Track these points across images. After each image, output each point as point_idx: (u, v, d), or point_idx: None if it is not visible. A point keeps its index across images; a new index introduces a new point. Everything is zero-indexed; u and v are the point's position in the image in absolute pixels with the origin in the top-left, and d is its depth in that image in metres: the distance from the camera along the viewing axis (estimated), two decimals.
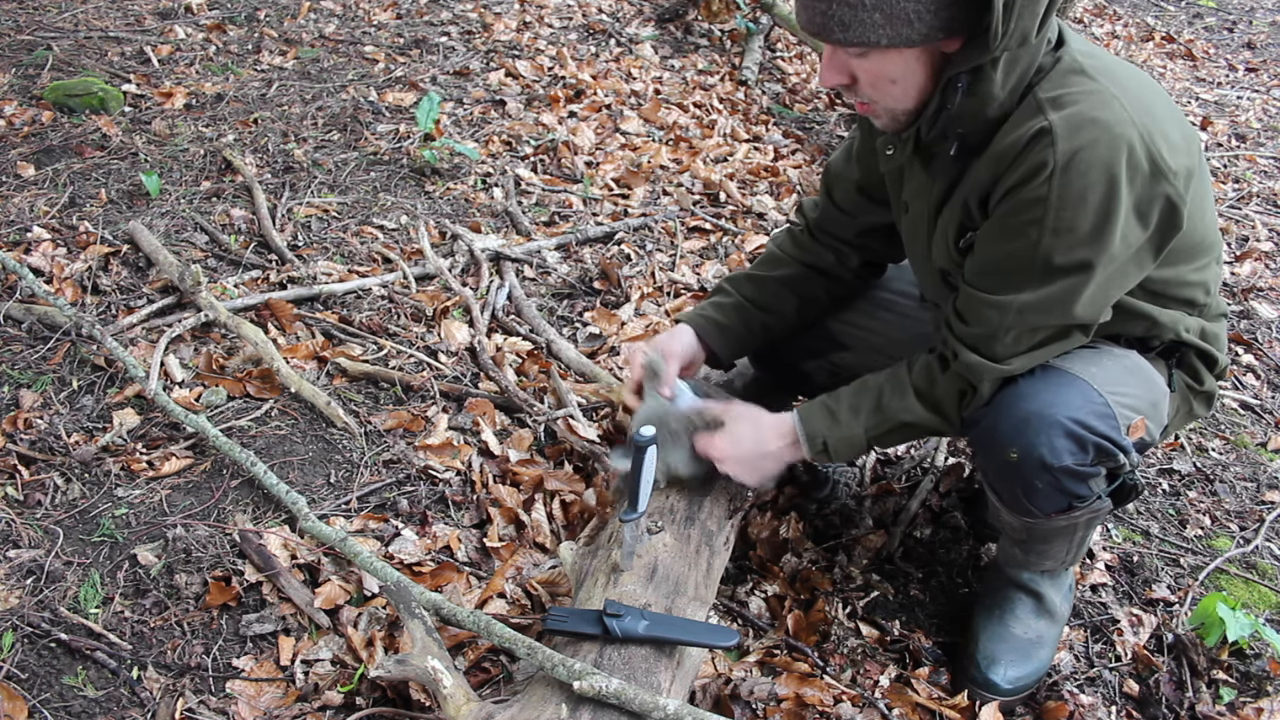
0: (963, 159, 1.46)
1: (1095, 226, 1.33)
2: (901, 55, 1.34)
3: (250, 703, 1.61)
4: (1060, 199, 1.32)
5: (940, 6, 1.28)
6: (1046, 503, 1.54)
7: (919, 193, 1.57)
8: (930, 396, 1.54)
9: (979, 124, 1.40)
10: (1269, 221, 3.62)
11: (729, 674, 1.74)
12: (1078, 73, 1.36)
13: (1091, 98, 1.33)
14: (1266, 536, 2.17)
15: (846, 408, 1.60)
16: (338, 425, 2.19)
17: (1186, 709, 1.72)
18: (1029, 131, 1.34)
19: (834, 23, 1.31)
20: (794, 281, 1.86)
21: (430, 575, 1.86)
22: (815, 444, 1.60)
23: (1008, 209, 1.38)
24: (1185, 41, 5.71)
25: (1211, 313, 1.63)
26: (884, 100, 1.42)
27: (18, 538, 1.85)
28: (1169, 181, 1.34)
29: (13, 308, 2.42)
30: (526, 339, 2.60)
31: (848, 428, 1.59)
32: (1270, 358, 2.83)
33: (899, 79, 1.37)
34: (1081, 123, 1.31)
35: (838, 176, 1.79)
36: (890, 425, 1.57)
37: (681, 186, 3.48)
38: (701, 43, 4.88)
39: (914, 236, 1.65)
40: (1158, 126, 1.34)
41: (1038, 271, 1.38)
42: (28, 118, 3.32)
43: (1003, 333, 1.44)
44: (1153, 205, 1.35)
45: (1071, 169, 1.31)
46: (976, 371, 1.47)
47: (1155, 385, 1.58)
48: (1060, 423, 1.44)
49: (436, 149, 3.35)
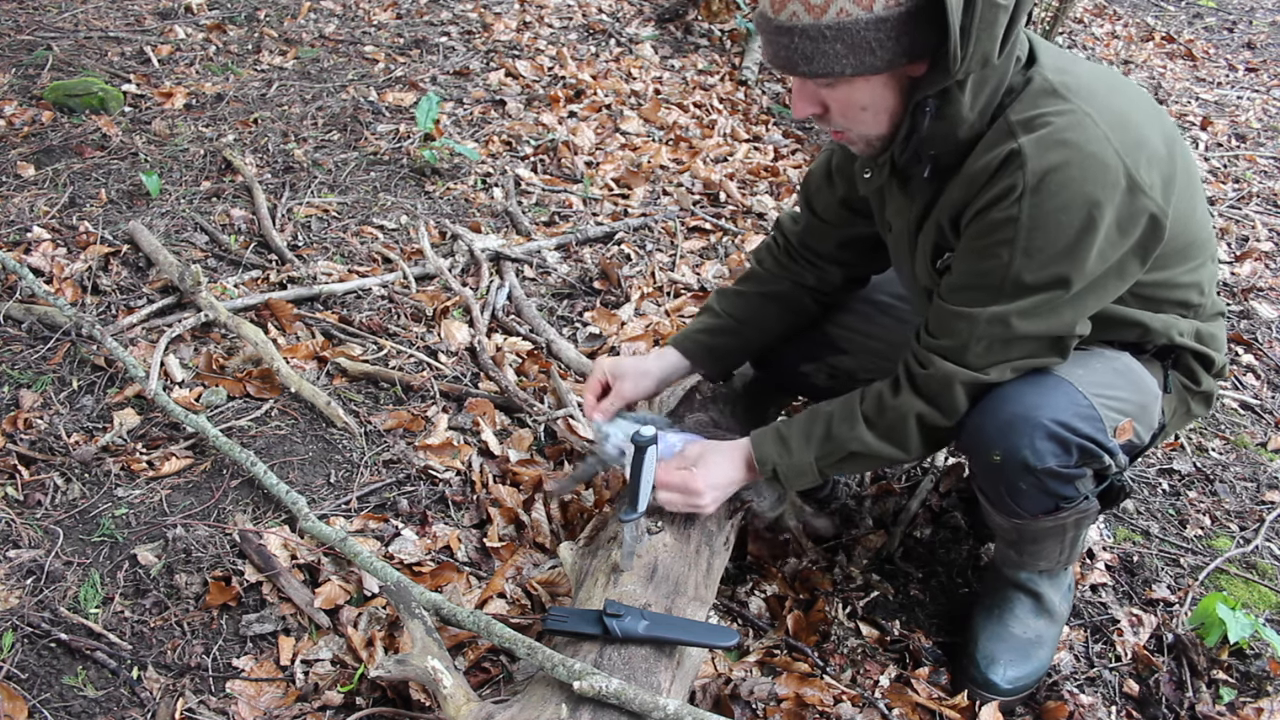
0: (936, 180, 1.47)
1: (1069, 246, 1.33)
2: (868, 82, 1.35)
3: (250, 703, 1.61)
4: (1031, 219, 1.32)
5: (900, 33, 1.28)
6: (1032, 504, 1.55)
7: (899, 212, 1.59)
8: (881, 424, 1.53)
9: (950, 145, 1.41)
10: (1269, 221, 3.62)
11: (729, 674, 1.74)
12: (1049, 93, 1.36)
13: (1062, 118, 1.33)
14: (1266, 536, 2.16)
15: (798, 435, 1.60)
16: (338, 425, 2.19)
17: (1186, 709, 1.72)
18: (999, 155, 1.34)
19: (798, 56, 1.32)
20: (779, 297, 1.87)
21: (430, 575, 1.86)
22: (766, 469, 1.60)
23: (978, 229, 1.39)
24: (1185, 41, 5.72)
25: (1207, 313, 1.63)
26: (857, 127, 1.43)
27: (18, 538, 1.85)
28: (1147, 195, 1.34)
29: (13, 308, 2.42)
30: (526, 339, 2.60)
31: (798, 455, 1.58)
32: (1270, 358, 2.83)
33: (868, 105, 1.38)
34: (1052, 144, 1.32)
35: (818, 191, 1.79)
36: (840, 454, 1.56)
37: (681, 186, 3.49)
38: (701, 43, 4.88)
39: (898, 254, 1.67)
40: (1134, 138, 1.34)
41: (1009, 289, 1.39)
42: (28, 118, 3.32)
43: (974, 342, 1.43)
44: (1134, 220, 1.35)
45: (1042, 190, 1.31)
46: (948, 378, 1.46)
47: (1145, 387, 1.57)
48: (1043, 425, 1.44)
49: (436, 149, 3.35)
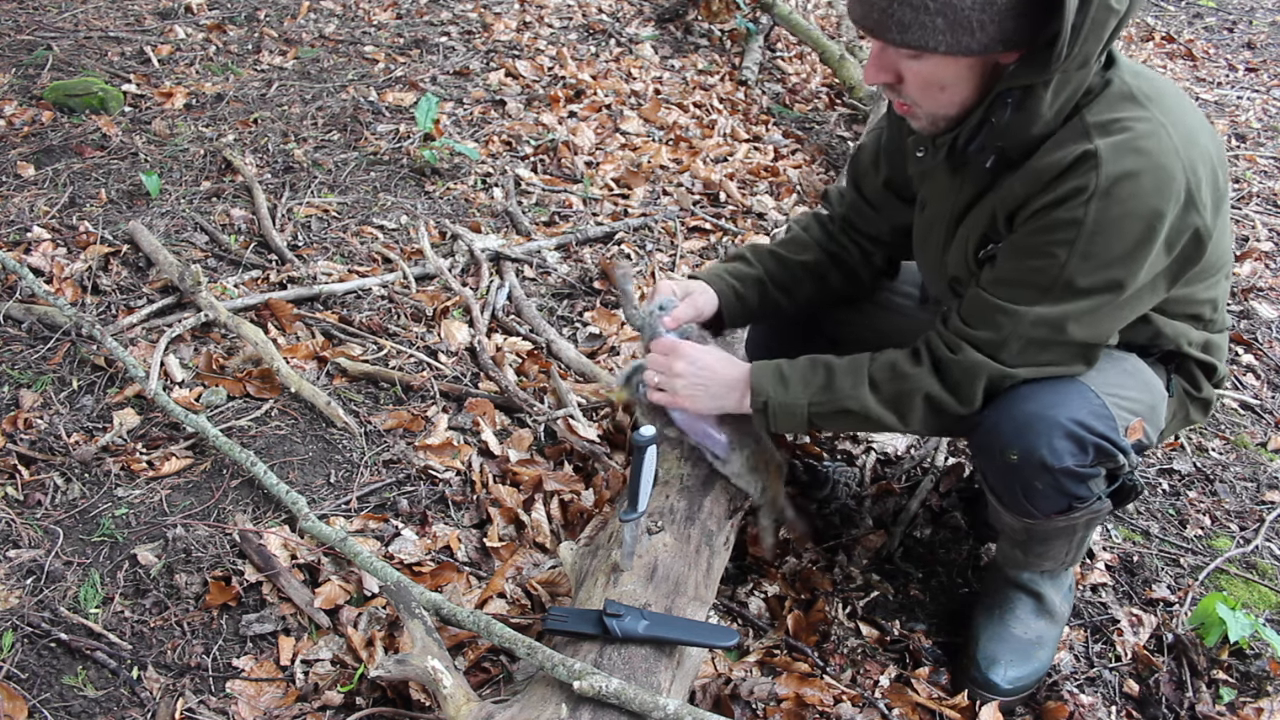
0: (996, 171, 1.44)
1: (1126, 254, 1.32)
2: (956, 63, 1.31)
3: (250, 703, 1.61)
4: (1096, 224, 1.30)
5: (1006, 18, 1.24)
6: (1046, 504, 1.54)
7: (939, 195, 1.56)
8: (887, 391, 1.49)
9: (1021, 140, 1.38)
10: (1269, 221, 3.62)
11: (729, 674, 1.74)
12: (1128, 99, 1.34)
13: (1140, 124, 1.31)
14: (1266, 536, 2.16)
15: (799, 377, 1.54)
16: (338, 425, 2.19)
17: (1186, 709, 1.72)
18: (1072, 154, 1.32)
19: (892, 21, 1.27)
20: (815, 268, 1.82)
21: (430, 575, 1.86)
22: (758, 401, 1.55)
23: (1037, 226, 1.36)
24: (1185, 41, 5.71)
25: (1216, 326, 1.63)
26: (928, 105, 1.40)
27: (18, 538, 1.85)
28: (1199, 214, 1.34)
29: (13, 308, 2.42)
30: (526, 339, 2.59)
31: (793, 395, 1.53)
32: (1270, 358, 2.83)
33: (948, 86, 1.35)
34: (1128, 151, 1.30)
35: (865, 172, 1.76)
36: (835, 408, 1.52)
37: (681, 186, 3.48)
38: (701, 43, 4.88)
39: (926, 237, 1.63)
40: (1199, 155, 1.33)
41: (1058, 290, 1.37)
42: (28, 118, 3.32)
43: (1014, 340, 1.41)
44: (1181, 235, 1.35)
45: (1112, 196, 1.29)
46: (976, 368, 1.45)
47: (1154, 389, 1.58)
48: (1061, 424, 1.43)
49: (436, 149, 3.35)
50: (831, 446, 2.33)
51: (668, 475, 1.80)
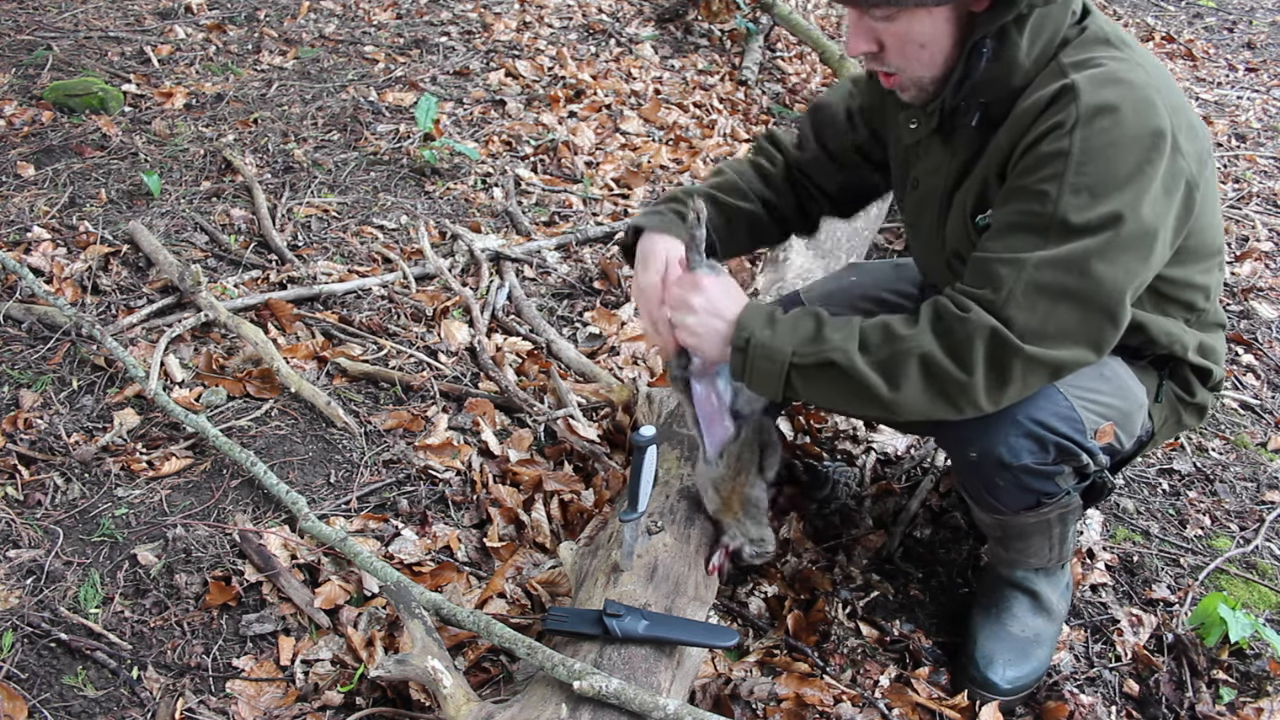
0: (984, 131, 1.44)
1: (1120, 184, 1.27)
2: (930, 15, 1.34)
3: (250, 703, 1.62)
4: (1083, 152, 1.27)
5: None
6: (1011, 499, 1.55)
7: (934, 170, 1.55)
8: (878, 353, 1.36)
9: (1003, 92, 1.39)
10: (1269, 221, 3.62)
11: (729, 674, 1.74)
12: (1102, 41, 1.36)
13: (1115, 62, 1.32)
14: (1266, 536, 2.16)
15: (789, 322, 1.43)
16: (338, 425, 2.19)
17: (1186, 709, 1.72)
18: (1050, 91, 1.32)
19: None
20: (753, 219, 1.76)
21: (430, 575, 1.86)
22: (741, 336, 1.43)
23: (1024, 166, 1.33)
24: (1185, 41, 5.71)
25: (1209, 320, 1.62)
26: (912, 68, 1.41)
27: (18, 538, 1.85)
28: (1185, 160, 1.33)
29: (13, 308, 2.42)
30: (526, 339, 2.60)
31: (779, 339, 1.41)
32: (1270, 358, 2.83)
33: (927, 42, 1.37)
34: (1105, 81, 1.30)
35: (832, 127, 1.74)
36: (819, 359, 1.37)
37: (681, 186, 3.48)
38: (701, 43, 4.88)
39: (921, 215, 1.61)
40: (1178, 102, 1.34)
41: (1055, 229, 1.28)
42: (28, 118, 3.32)
43: (1017, 291, 1.29)
44: (1177, 180, 1.32)
45: (1095, 123, 1.27)
46: (981, 327, 1.30)
47: (1131, 395, 1.56)
48: (1019, 423, 1.43)
49: (436, 149, 3.35)
50: (831, 446, 2.33)
51: (668, 475, 1.80)
